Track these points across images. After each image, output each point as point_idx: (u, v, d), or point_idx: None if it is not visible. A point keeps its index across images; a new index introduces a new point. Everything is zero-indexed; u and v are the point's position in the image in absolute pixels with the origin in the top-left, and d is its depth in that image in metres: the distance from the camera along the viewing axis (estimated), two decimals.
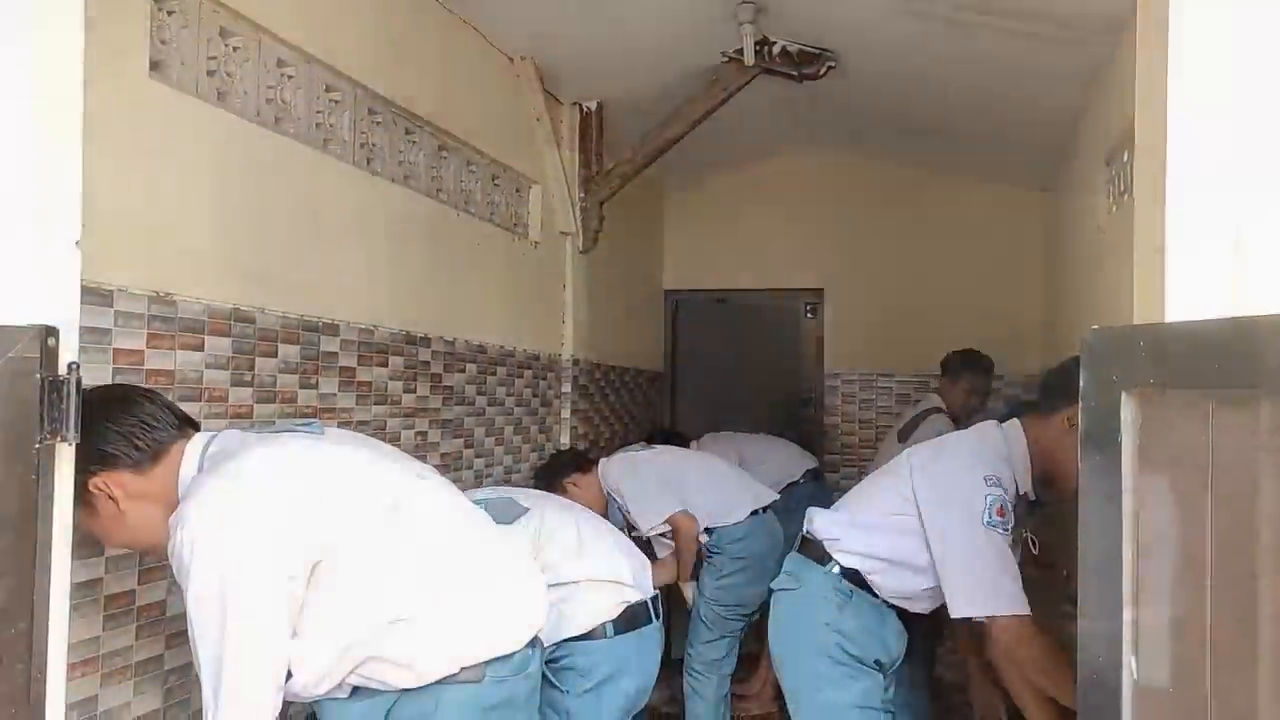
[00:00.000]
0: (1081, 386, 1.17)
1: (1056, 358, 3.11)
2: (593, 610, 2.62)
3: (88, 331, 1.88)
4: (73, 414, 1.26)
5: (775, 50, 4.05)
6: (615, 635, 2.62)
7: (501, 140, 3.86)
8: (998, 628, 2.33)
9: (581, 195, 4.49)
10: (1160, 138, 1.16)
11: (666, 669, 4.40)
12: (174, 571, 1.68)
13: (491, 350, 3.77)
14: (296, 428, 1.87)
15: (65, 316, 1.28)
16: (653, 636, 2.73)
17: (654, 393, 5.98)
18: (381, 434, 2.93)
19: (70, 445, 1.28)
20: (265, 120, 2.51)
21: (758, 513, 3.93)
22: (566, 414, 4.49)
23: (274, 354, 2.50)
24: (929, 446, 2.67)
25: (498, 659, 1.82)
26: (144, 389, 1.85)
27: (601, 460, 3.94)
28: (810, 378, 6.51)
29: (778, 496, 4.13)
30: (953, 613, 2.38)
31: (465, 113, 3.54)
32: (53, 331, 1.25)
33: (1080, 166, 3.98)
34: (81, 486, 1.54)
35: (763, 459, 4.71)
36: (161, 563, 1.90)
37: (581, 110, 4.50)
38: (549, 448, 4.34)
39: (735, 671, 4.00)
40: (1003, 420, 2.54)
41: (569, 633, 2.58)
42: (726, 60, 4.15)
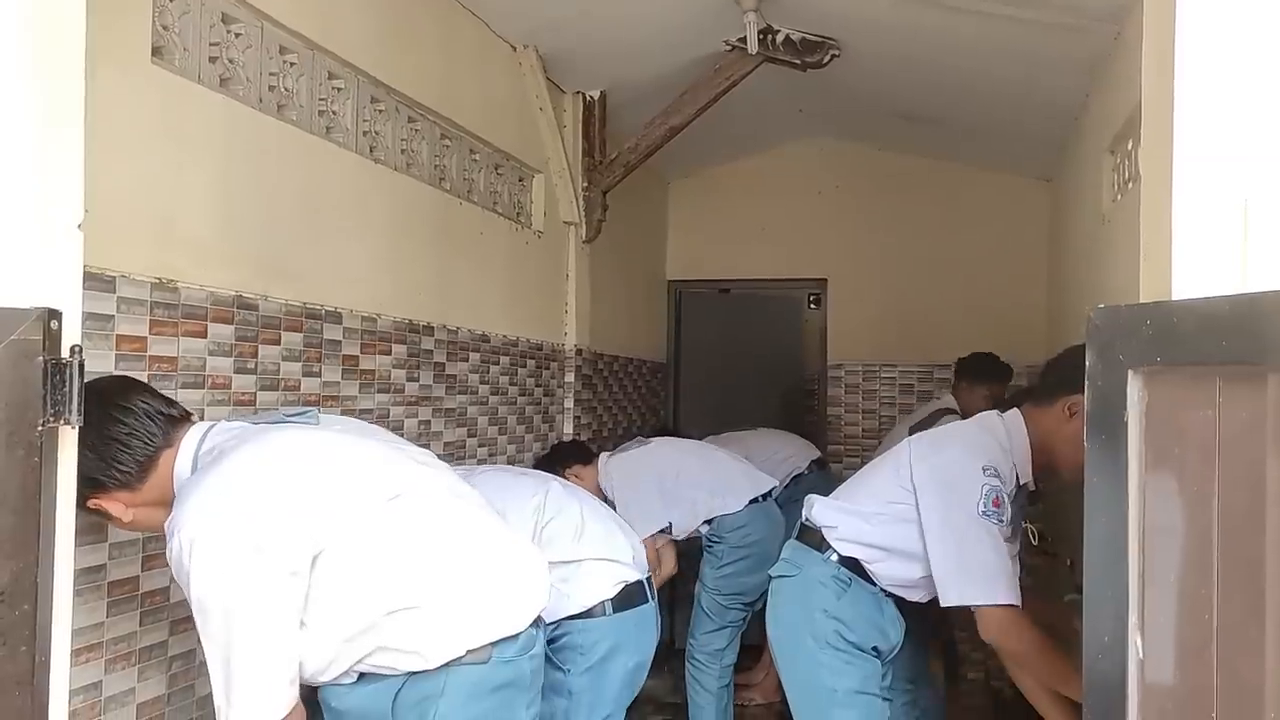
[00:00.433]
0: (1087, 366, 1.16)
1: (1059, 347, 3.10)
2: (592, 589, 2.66)
3: (90, 318, 1.87)
4: (76, 397, 1.25)
5: (779, 39, 4.04)
6: (614, 613, 2.66)
7: (504, 129, 3.85)
8: (986, 618, 2.32)
9: (584, 184, 4.47)
10: (1167, 113, 1.15)
11: (670, 659, 4.45)
12: (174, 574, 1.68)
13: (494, 339, 3.77)
14: (290, 418, 1.87)
15: (68, 300, 1.28)
16: (650, 615, 2.78)
17: (657, 383, 5.97)
18: (384, 422, 2.93)
19: (74, 429, 1.28)
20: (268, 107, 2.50)
21: (757, 500, 3.92)
22: (570, 404, 4.49)
23: (277, 341, 2.50)
24: (930, 436, 2.67)
25: (504, 640, 1.83)
26: (122, 397, 1.74)
27: (603, 455, 3.93)
28: (813, 368, 6.51)
29: (777, 483, 4.12)
30: (942, 601, 2.38)
31: (468, 101, 3.53)
32: (56, 314, 1.24)
33: (1083, 155, 3.96)
34: (80, 506, 1.53)
35: (769, 453, 4.69)
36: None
37: (584, 99, 4.49)
38: (552, 437, 4.33)
39: (738, 661, 4.00)
40: (1003, 410, 2.54)
41: (569, 611, 2.62)
42: (730, 49, 4.14)
